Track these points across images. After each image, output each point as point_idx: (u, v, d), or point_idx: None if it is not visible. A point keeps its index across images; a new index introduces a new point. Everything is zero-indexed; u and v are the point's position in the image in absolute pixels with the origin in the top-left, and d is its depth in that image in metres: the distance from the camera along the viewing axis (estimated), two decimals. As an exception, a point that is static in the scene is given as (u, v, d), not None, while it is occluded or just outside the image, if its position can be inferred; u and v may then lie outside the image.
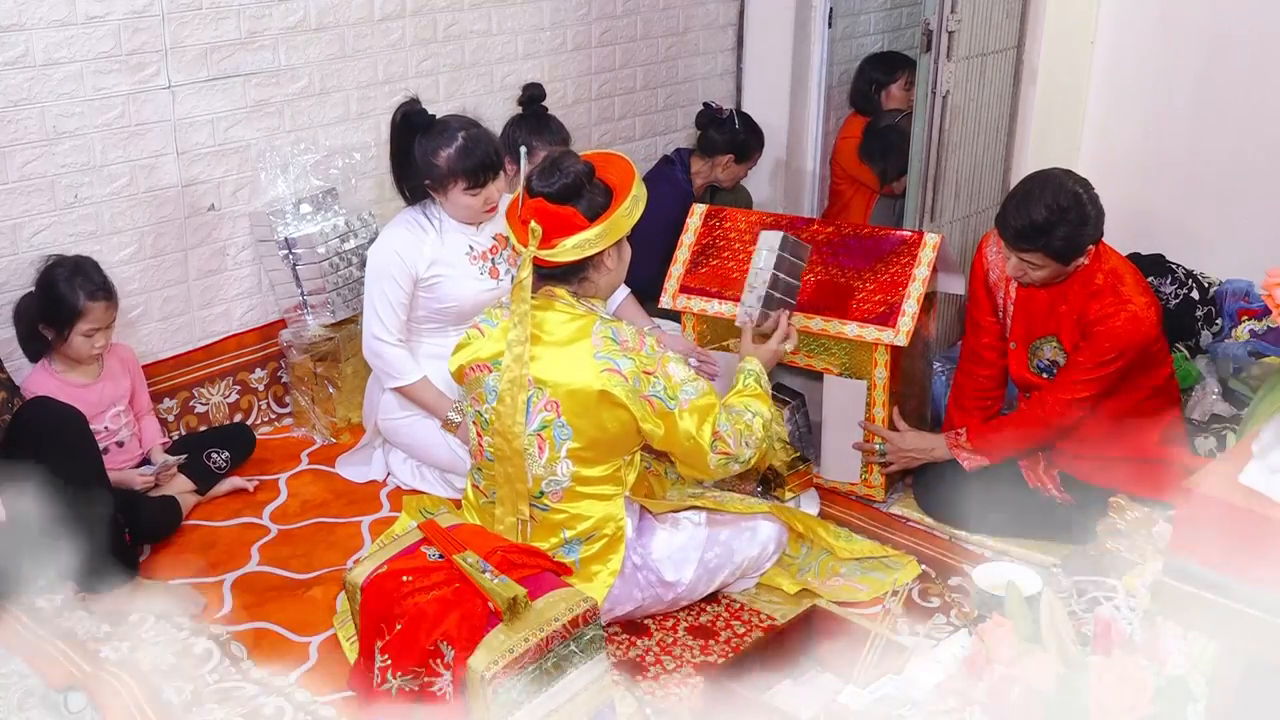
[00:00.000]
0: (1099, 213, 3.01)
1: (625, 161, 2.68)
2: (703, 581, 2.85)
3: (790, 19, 4.72)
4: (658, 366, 2.61)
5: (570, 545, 2.71)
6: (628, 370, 2.57)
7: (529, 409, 2.62)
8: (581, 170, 2.60)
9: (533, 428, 2.63)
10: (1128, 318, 2.98)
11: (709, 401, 2.66)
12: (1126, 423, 3.12)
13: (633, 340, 2.62)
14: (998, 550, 3.17)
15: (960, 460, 3.23)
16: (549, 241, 2.56)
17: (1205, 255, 4.02)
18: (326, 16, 3.71)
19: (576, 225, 2.56)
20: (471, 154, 3.22)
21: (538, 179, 2.61)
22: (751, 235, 3.51)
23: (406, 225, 3.30)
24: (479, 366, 2.71)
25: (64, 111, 3.25)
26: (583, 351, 2.59)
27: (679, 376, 2.63)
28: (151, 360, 3.56)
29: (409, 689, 2.35)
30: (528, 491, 2.67)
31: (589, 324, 2.62)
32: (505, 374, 2.61)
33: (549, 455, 2.64)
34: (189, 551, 3.17)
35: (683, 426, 2.61)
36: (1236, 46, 3.95)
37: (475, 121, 3.31)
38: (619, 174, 2.64)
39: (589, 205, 2.59)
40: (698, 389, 2.65)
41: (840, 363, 3.34)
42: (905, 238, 3.35)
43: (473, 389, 2.74)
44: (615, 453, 2.69)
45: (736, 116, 4.44)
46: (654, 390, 2.59)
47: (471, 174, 3.23)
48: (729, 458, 2.67)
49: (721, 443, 2.64)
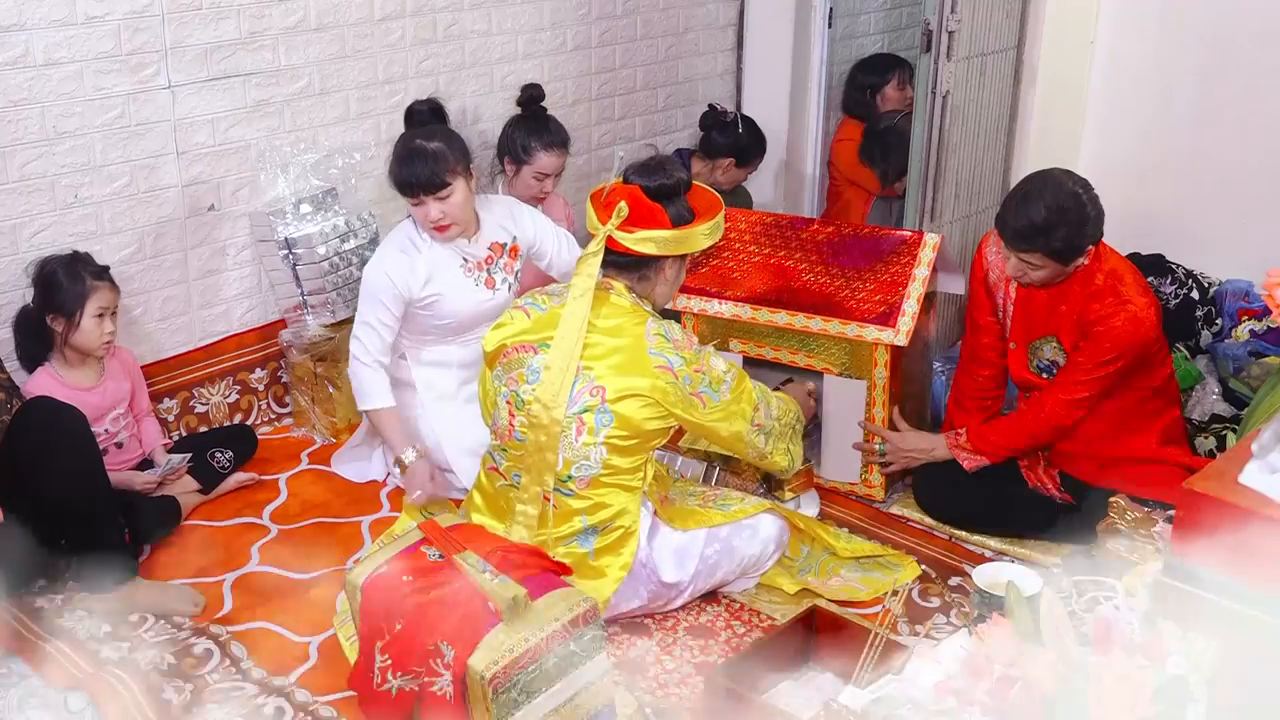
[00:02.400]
0: (1099, 213, 3.01)
1: (717, 198, 2.85)
2: (702, 578, 2.85)
3: (790, 19, 4.72)
4: (703, 364, 2.72)
5: (586, 534, 2.72)
6: (679, 369, 2.66)
7: (572, 391, 2.65)
8: (682, 179, 2.76)
9: (574, 409, 2.66)
10: (1128, 318, 2.98)
11: (746, 386, 2.81)
12: (1126, 423, 3.12)
13: (683, 339, 2.73)
14: (998, 550, 3.17)
15: (960, 460, 3.23)
16: (629, 227, 2.66)
17: (1205, 255, 4.02)
18: (326, 16, 3.71)
19: (660, 222, 2.68)
20: (403, 166, 3.15)
21: (638, 172, 2.73)
22: (752, 235, 3.51)
23: (399, 245, 3.26)
24: (524, 347, 2.74)
25: (64, 111, 3.25)
26: (637, 345, 2.67)
27: (720, 369, 2.75)
28: (151, 360, 3.56)
29: (409, 689, 2.35)
30: (556, 468, 2.69)
31: (644, 319, 2.71)
32: (559, 346, 2.65)
33: (586, 439, 2.67)
34: (189, 551, 3.17)
35: (729, 411, 2.75)
36: (1236, 46, 3.95)
37: (440, 133, 3.22)
38: (707, 203, 2.81)
39: (676, 212, 2.72)
40: (734, 375, 2.78)
41: (840, 363, 3.34)
42: (905, 238, 3.35)
43: (512, 368, 2.75)
44: (647, 445, 2.74)
45: (741, 120, 4.43)
46: (703, 387, 2.70)
47: (400, 186, 3.17)
48: (759, 429, 2.82)
49: (756, 413, 2.81)
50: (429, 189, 3.14)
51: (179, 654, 2.76)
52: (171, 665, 2.72)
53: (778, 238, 3.48)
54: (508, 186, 3.86)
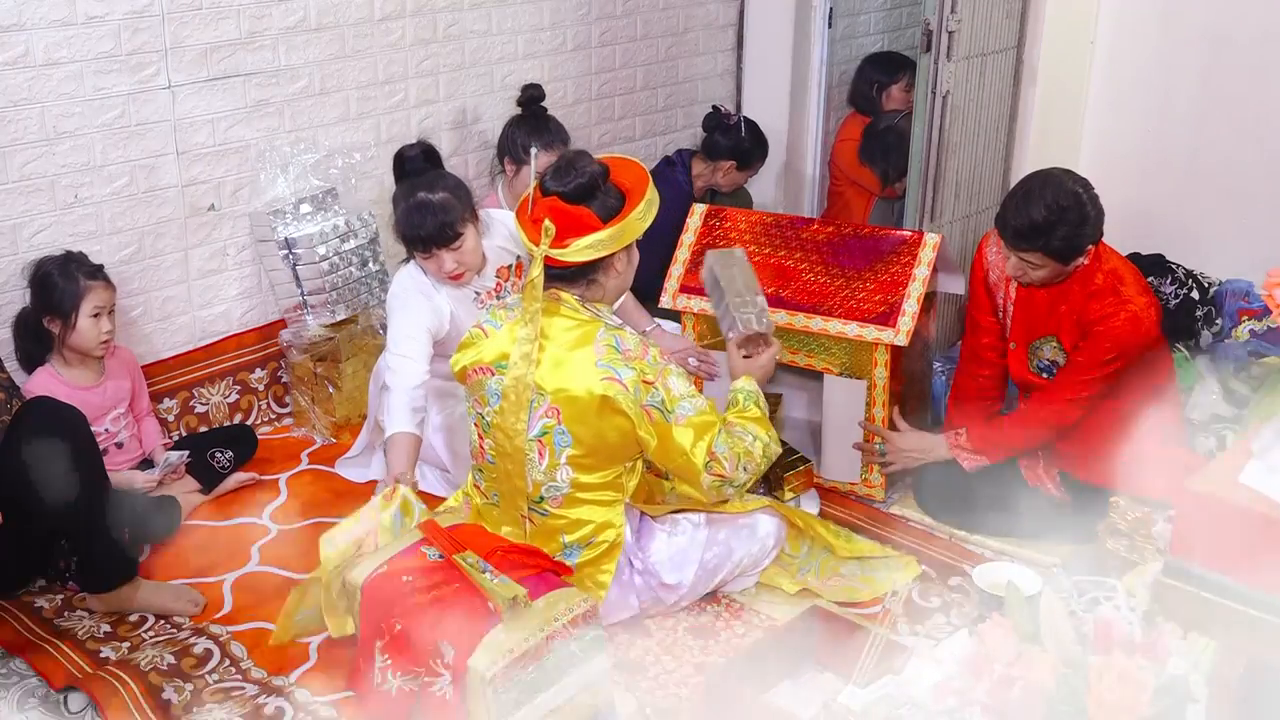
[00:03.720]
0: (1099, 213, 3.00)
1: (639, 166, 2.67)
2: (702, 581, 2.85)
3: (790, 19, 4.72)
4: (658, 377, 2.58)
5: (570, 550, 2.70)
6: (628, 380, 2.56)
7: (530, 414, 2.61)
8: (597, 171, 2.59)
9: (533, 433, 2.62)
10: (1128, 318, 2.98)
11: (707, 420, 2.62)
12: (1126, 423, 3.12)
13: (636, 349, 2.59)
14: (998, 550, 3.17)
15: (960, 460, 3.23)
16: (562, 241, 2.54)
17: (1205, 255, 4.02)
18: (326, 16, 3.71)
19: (590, 226, 2.55)
20: (411, 222, 3.05)
21: (552, 178, 2.59)
22: (752, 235, 3.51)
23: (419, 291, 3.16)
24: (482, 369, 2.69)
25: (64, 111, 3.25)
26: (585, 359, 2.57)
27: (678, 391, 2.60)
28: (151, 360, 3.56)
29: (409, 689, 2.35)
30: (526, 491, 2.67)
31: (592, 331, 2.60)
32: (511, 371, 2.60)
33: (549, 461, 2.63)
34: (189, 551, 3.17)
35: (677, 441, 2.58)
36: (1237, 46, 3.95)
37: (443, 182, 3.12)
38: (632, 178, 2.63)
39: (603, 206, 2.57)
40: (696, 406, 2.61)
41: (840, 363, 3.34)
42: (905, 238, 3.35)
43: (475, 391, 2.73)
44: (615, 460, 2.68)
45: (743, 123, 4.43)
46: (652, 400, 2.57)
47: (410, 242, 3.09)
48: (724, 480, 2.62)
49: (717, 464, 2.61)
50: (441, 243, 3.07)
51: (179, 654, 2.76)
52: (171, 665, 2.72)
53: (778, 238, 3.49)
54: (508, 186, 3.86)
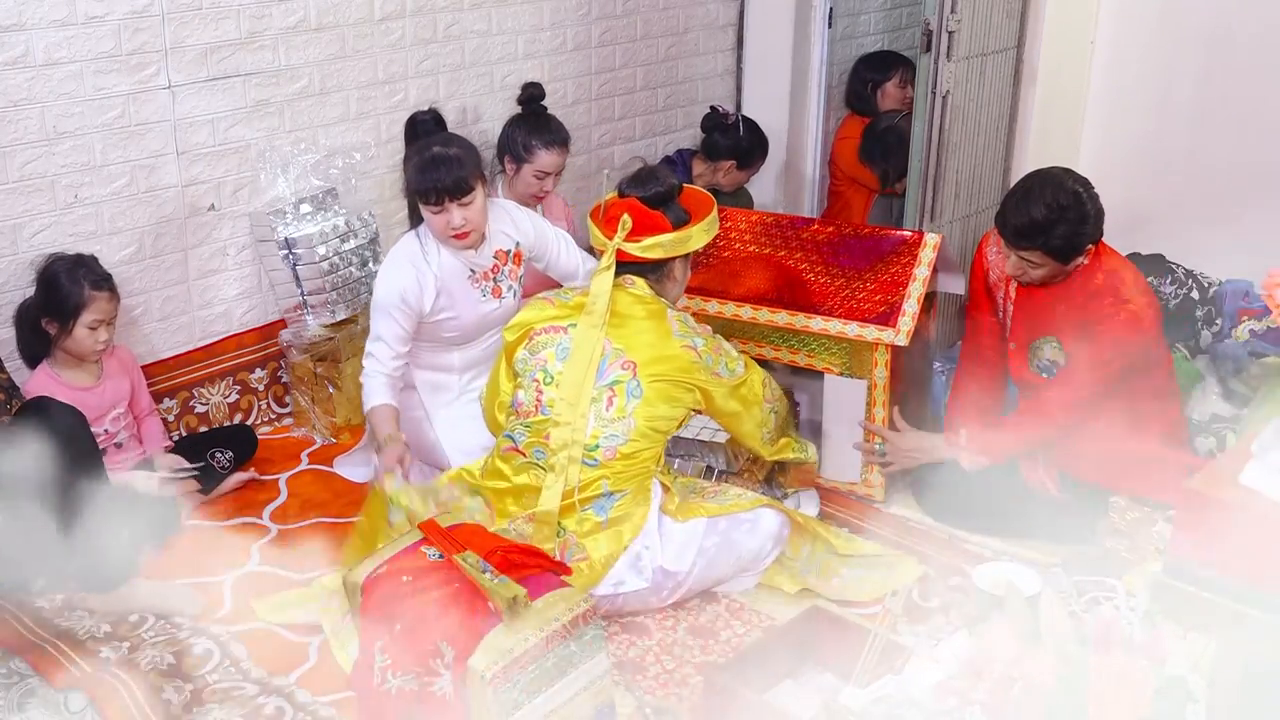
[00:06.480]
0: (1098, 212, 3.01)
1: (708, 196, 3.04)
2: (700, 568, 2.87)
3: (790, 19, 4.72)
4: (719, 345, 2.93)
5: (605, 500, 2.80)
6: (701, 348, 2.86)
7: (601, 368, 2.81)
8: (674, 184, 2.96)
9: (604, 381, 2.81)
10: (1128, 318, 2.98)
11: (753, 365, 3.02)
12: (1126, 422, 3.12)
13: (698, 325, 2.95)
14: (998, 550, 3.17)
15: (960, 460, 3.23)
16: (636, 236, 2.84)
17: (1205, 255, 4.02)
18: (326, 16, 3.71)
19: (661, 227, 2.87)
20: (425, 173, 3.09)
21: (632, 184, 2.93)
22: (752, 235, 3.51)
23: (408, 259, 3.21)
24: (555, 328, 2.88)
25: (64, 111, 3.25)
26: (661, 329, 2.85)
27: (733, 351, 2.97)
28: (151, 360, 3.56)
29: (409, 689, 2.35)
30: (584, 441, 2.79)
31: (661, 310, 2.90)
32: (586, 320, 2.82)
33: (616, 410, 2.80)
34: (189, 551, 3.16)
35: (748, 384, 2.94)
36: (1236, 46, 3.95)
37: (456, 140, 3.21)
38: (698, 203, 2.99)
39: (674, 215, 2.91)
40: (743, 358, 2.99)
41: (840, 363, 3.34)
42: (905, 238, 3.35)
43: (539, 349, 2.88)
44: (663, 429, 2.87)
45: (743, 123, 4.43)
46: (721, 366, 2.90)
47: (424, 193, 3.12)
48: (771, 408, 3.02)
49: (766, 390, 3.01)
50: (454, 194, 3.10)
51: (179, 654, 2.76)
52: (171, 665, 2.72)
53: (778, 238, 3.49)
54: (508, 186, 3.86)
